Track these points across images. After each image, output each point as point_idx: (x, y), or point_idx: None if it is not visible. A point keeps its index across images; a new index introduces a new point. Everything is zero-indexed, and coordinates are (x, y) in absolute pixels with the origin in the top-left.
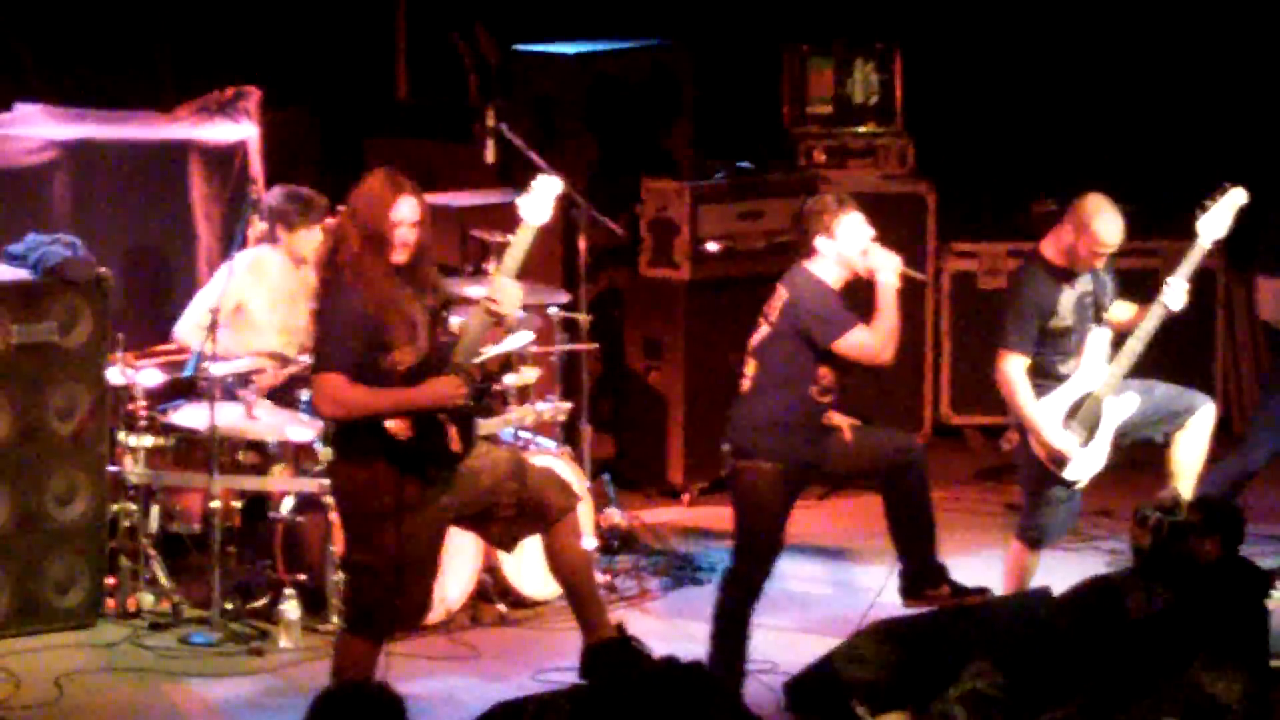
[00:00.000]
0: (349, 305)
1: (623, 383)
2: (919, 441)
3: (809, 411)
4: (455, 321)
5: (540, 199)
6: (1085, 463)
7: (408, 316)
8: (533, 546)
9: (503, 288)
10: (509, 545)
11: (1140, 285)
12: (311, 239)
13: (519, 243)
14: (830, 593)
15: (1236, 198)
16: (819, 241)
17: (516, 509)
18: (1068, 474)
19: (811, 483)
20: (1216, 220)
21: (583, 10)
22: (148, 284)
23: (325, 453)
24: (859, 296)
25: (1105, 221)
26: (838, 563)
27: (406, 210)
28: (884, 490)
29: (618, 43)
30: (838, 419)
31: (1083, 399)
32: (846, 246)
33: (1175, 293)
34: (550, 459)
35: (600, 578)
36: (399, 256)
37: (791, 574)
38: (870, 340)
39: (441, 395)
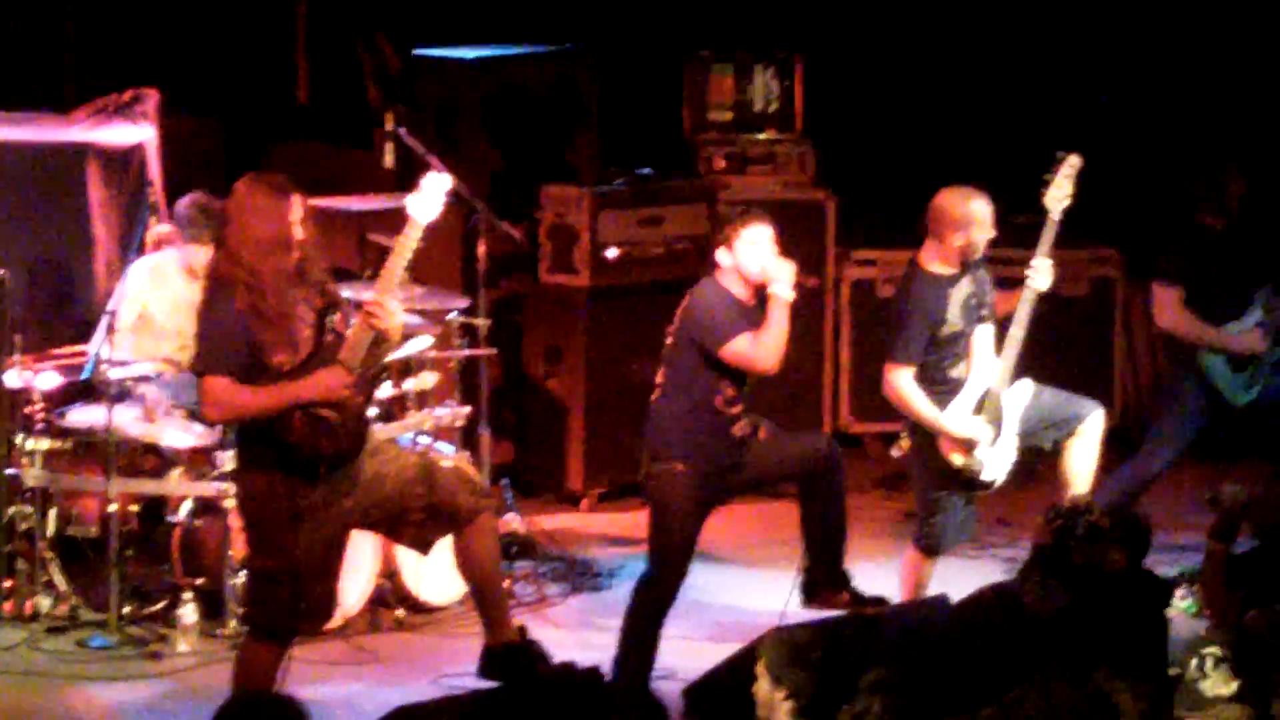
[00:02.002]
0: (228, 310)
1: (522, 389)
2: (835, 445)
3: (716, 422)
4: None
5: (429, 197)
6: (998, 459)
7: (296, 317)
8: (431, 552)
9: (382, 304)
10: (423, 548)
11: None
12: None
13: (406, 242)
14: (728, 600)
15: (1074, 164)
16: (719, 254)
17: (426, 512)
18: (985, 475)
19: (730, 491)
20: (1060, 191)
21: (484, 16)
22: (46, 286)
23: (226, 457)
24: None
25: (979, 203)
26: (736, 570)
27: (298, 210)
28: (800, 493)
29: (520, 48)
30: (749, 423)
31: (983, 397)
32: (743, 260)
33: (1039, 272)
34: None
35: None
36: (294, 256)
37: (690, 581)
38: (751, 349)
39: (325, 387)
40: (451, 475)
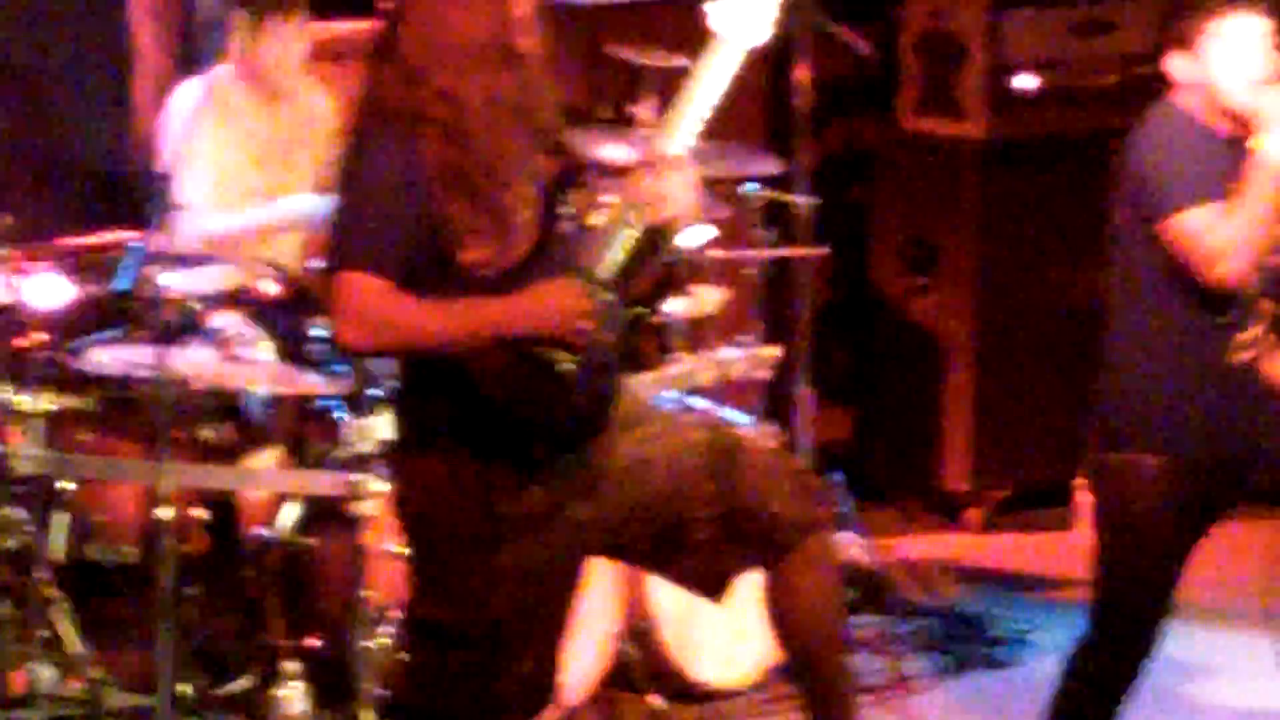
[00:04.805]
0: (399, 163)
1: (868, 315)
2: None
3: (1206, 357)
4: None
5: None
6: None
7: (514, 188)
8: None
9: (657, 183)
10: (712, 587)
11: None
12: (288, 41)
13: (705, 80)
14: (1225, 688)
15: None
16: (1172, 61)
17: (721, 524)
18: None
19: (1240, 490)
20: None
21: None
22: (51, 129)
23: (364, 426)
24: None
25: None
26: (1243, 636)
27: (526, 5)
28: None
29: None
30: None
31: None
32: (1218, 71)
33: None
34: None
35: None
36: (516, 80)
37: (1169, 655)
38: (1204, 232)
39: (553, 312)
40: (765, 462)
